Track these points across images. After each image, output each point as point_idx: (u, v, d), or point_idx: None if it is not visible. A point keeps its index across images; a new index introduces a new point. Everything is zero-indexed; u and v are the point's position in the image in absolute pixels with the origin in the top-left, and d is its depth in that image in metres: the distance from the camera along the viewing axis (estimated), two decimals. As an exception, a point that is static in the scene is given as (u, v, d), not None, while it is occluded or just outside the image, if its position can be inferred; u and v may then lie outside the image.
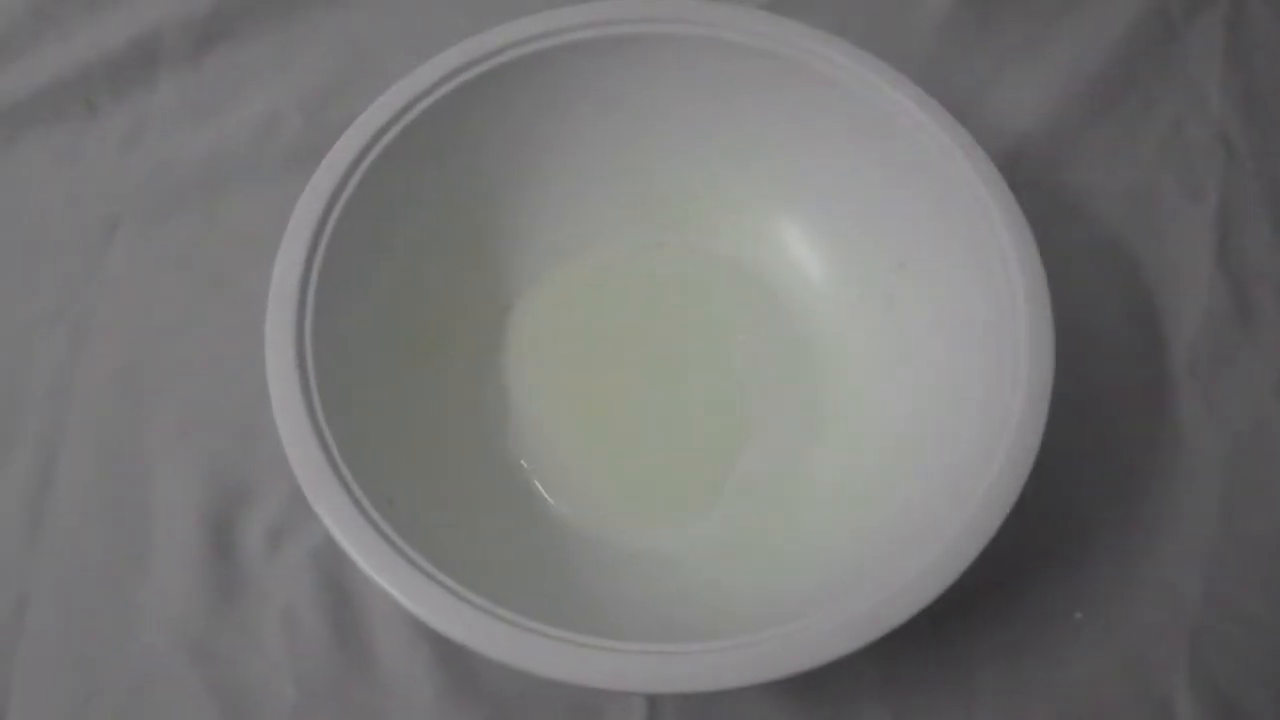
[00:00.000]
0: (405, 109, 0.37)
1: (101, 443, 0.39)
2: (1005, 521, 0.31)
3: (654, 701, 0.36)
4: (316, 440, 0.31)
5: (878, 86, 0.38)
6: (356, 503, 0.31)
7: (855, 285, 0.41)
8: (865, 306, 0.40)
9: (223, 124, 0.46)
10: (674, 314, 0.42)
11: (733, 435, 0.40)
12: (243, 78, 0.47)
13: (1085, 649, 0.37)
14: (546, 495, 0.38)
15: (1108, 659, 0.37)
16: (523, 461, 0.39)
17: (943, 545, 0.31)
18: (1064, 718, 0.36)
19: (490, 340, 0.41)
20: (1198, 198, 0.45)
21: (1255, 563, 0.39)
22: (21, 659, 0.36)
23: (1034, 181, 0.44)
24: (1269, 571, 0.39)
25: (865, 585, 0.30)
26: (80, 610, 0.37)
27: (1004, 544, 0.31)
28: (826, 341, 0.41)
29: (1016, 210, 0.36)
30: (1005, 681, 0.37)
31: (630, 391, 0.40)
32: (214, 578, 0.37)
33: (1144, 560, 0.39)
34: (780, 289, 0.42)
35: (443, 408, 0.38)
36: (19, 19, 0.47)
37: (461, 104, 0.38)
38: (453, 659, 0.36)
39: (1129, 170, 0.46)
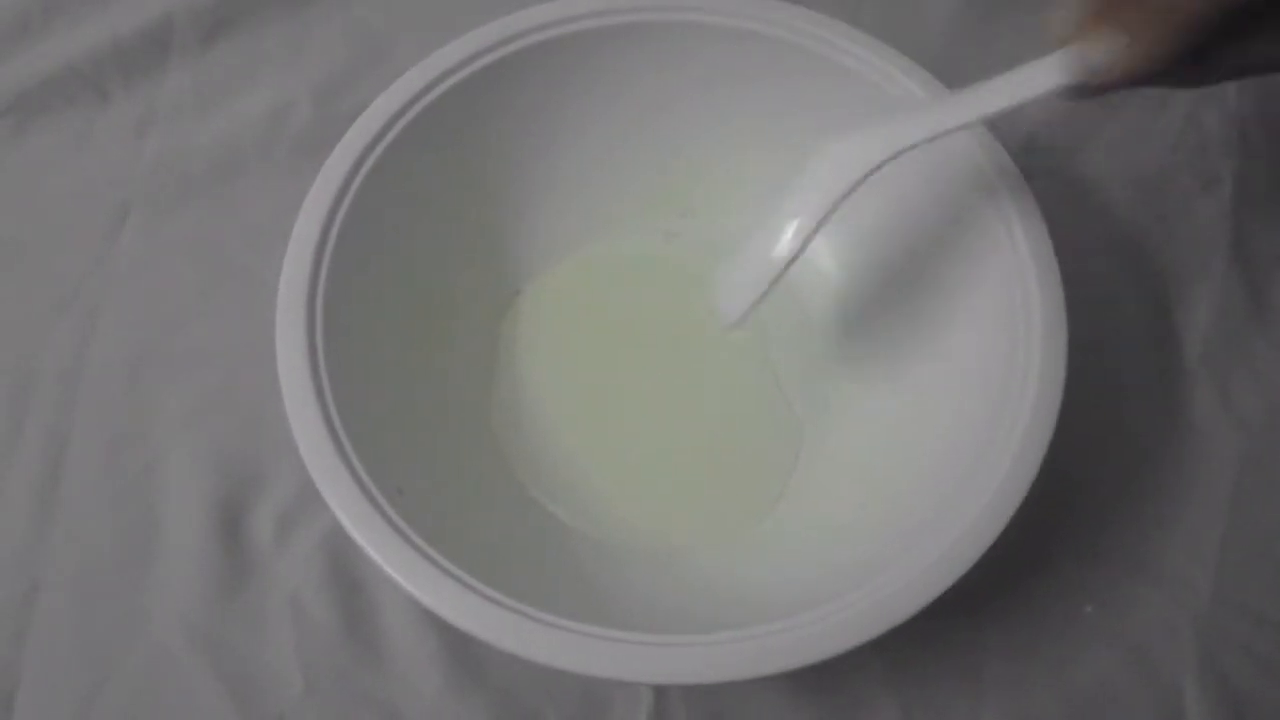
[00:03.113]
0: (416, 97, 0.37)
1: (111, 430, 0.39)
2: (1015, 514, 0.31)
3: (661, 691, 0.36)
4: (326, 429, 0.31)
5: (891, 74, 0.38)
6: (366, 492, 0.31)
7: (866, 274, 0.41)
8: (876, 296, 0.40)
9: (233, 112, 0.46)
10: (682, 303, 0.41)
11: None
12: (254, 66, 0.47)
13: (1095, 643, 0.37)
14: (555, 494, 0.38)
15: (1117, 653, 0.37)
16: (532, 455, 0.38)
17: (952, 538, 0.31)
18: (1073, 711, 0.36)
19: (500, 329, 0.41)
20: (1212, 188, 0.45)
21: (1266, 558, 0.39)
22: (31, 646, 0.36)
23: (1048, 171, 0.44)
24: (1279, 568, 0.38)
25: (874, 578, 0.30)
26: (89, 598, 0.37)
27: (1014, 537, 0.31)
28: (836, 331, 0.41)
29: (1030, 200, 0.36)
30: (1014, 675, 0.37)
31: (642, 383, 0.40)
32: (223, 566, 0.37)
33: (1155, 554, 0.38)
34: (791, 279, 0.41)
35: (452, 397, 0.38)
36: (30, 6, 0.47)
37: (472, 92, 0.38)
38: (460, 647, 0.36)
39: (1143, 160, 0.46)
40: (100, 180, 0.44)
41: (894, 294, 0.40)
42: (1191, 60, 0.29)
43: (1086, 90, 0.30)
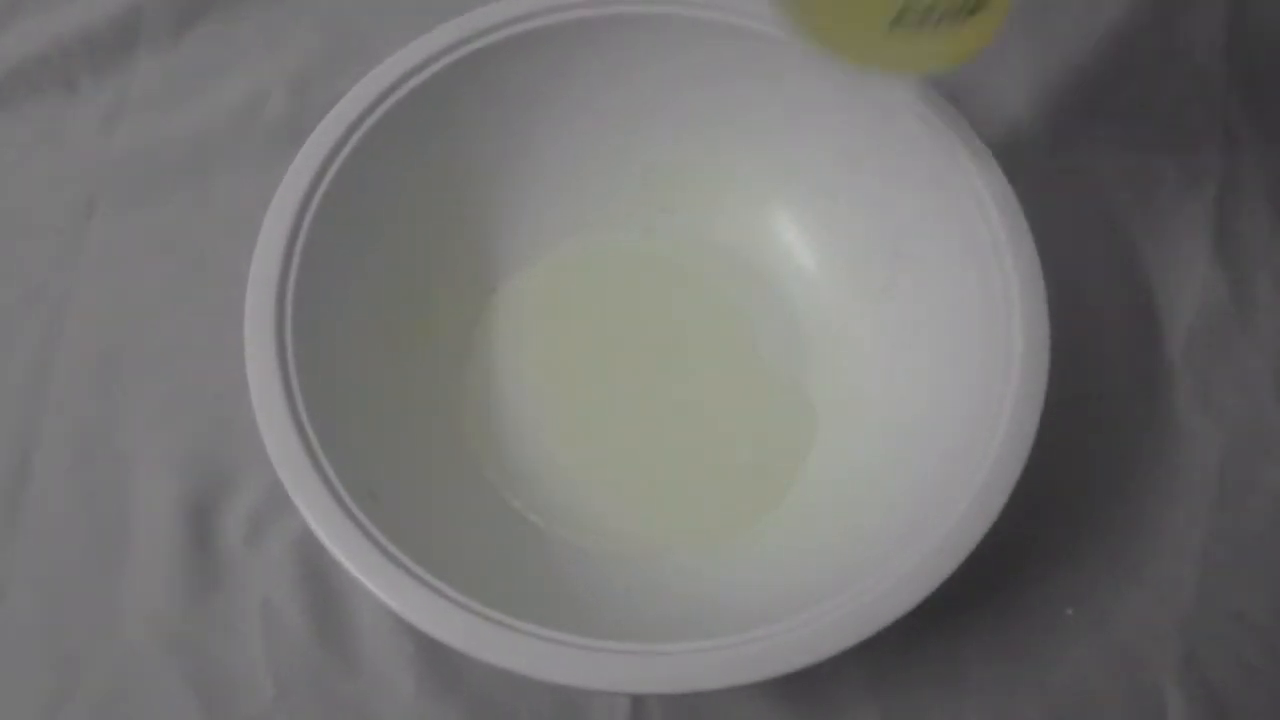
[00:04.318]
0: (391, 89, 0.36)
1: (79, 430, 0.39)
2: (997, 516, 0.31)
3: (638, 699, 0.36)
4: (296, 432, 0.31)
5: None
6: (336, 496, 0.30)
7: (848, 272, 0.40)
8: (858, 294, 0.40)
9: (205, 104, 0.45)
10: (663, 300, 0.41)
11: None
12: (225, 56, 0.46)
13: (1077, 646, 0.37)
14: (532, 499, 0.37)
15: (1099, 655, 0.37)
16: (508, 458, 0.38)
17: (933, 542, 0.30)
18: (1055, 715, 0.36)
19: (476, 327, 0.40)
20: (1197, 184, 0.45)
21: (1249, 558, 0.38)
22: (-4, 652, 0.36)
23: (1030, 167, 0.43)
24: (1262, 567, 0.38)
25: (854, 584, 0.30)
26: (57, 600, 0.36)
27: (995, 539, 0.31)
28: (819, 330, 0.40)
29: (1011, 197, 0.35)
30: (995, 679, 0.36)
31: (622, 383, 0.40)
32: (193, 569, 0.37)
33: (1136, 556, 0.38)
34: (772, 276, 0.41)
35: (427, 398, 0.38)
36: (-3, -5, 0.46)
37: (448, 84, 0.37)
38: (434, 653, 0.36)
39: (1127, 156, 0.46)
40: (68, 173, 0.43)
41: (874, 292, 0.39)
42: None
43: None
